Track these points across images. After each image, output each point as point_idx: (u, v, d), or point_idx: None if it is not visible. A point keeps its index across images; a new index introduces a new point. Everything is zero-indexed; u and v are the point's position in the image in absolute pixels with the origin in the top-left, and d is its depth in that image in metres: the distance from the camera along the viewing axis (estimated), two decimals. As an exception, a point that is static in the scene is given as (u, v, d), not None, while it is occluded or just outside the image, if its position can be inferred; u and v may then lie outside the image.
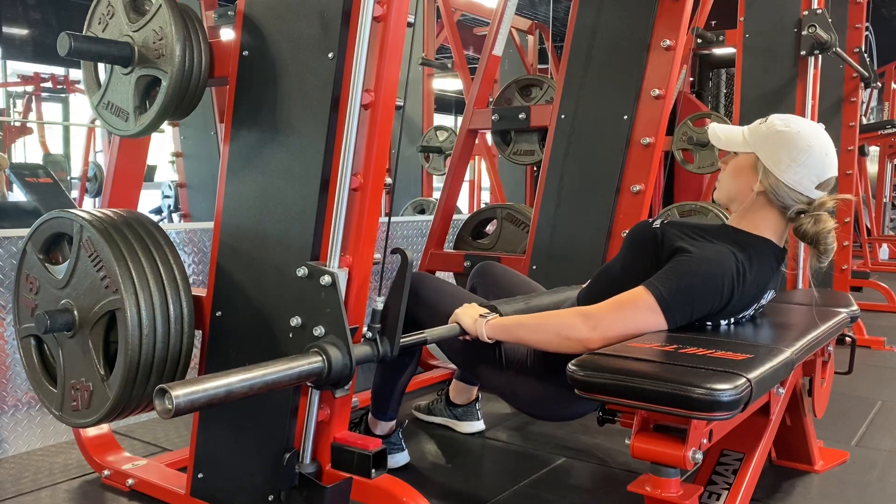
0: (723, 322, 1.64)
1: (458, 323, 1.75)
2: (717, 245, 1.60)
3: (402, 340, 1.54)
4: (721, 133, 1.72)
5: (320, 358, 1.41)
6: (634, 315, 1.53)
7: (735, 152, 1.69)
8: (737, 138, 1.69)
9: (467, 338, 1.75)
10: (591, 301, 1.65)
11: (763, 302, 1.72)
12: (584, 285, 1.91)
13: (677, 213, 3.40)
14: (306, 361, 1.39)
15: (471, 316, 1.74)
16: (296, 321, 1.53)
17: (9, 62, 9.52)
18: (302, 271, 1.53)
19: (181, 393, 1.16)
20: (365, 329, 1.52)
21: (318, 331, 1.49)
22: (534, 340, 1.65)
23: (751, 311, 1.69)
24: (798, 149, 1.59)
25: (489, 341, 1.71)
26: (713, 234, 1.64)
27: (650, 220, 1.76)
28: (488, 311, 1.76)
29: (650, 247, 1.65)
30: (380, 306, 1.50)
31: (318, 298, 1.50)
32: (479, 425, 2.42)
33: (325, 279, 1.49)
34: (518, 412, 2.61)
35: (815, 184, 1.60)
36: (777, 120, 1.65)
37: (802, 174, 1.59)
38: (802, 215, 1.61)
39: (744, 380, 1.24)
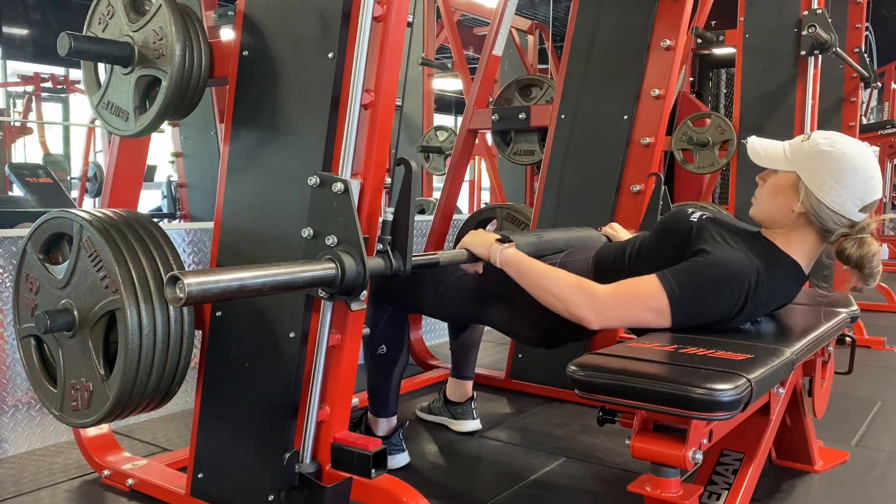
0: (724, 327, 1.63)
1: (466, 249, 1.74)
2: (745, 255, 1.55)
3: (414, 259, 1.52)
4: (761, 149, 1.65)
5: (334, 264, 1.37)
6: (641, 309, 1.53)
7: (775, 170, 1.64)
8: (778, 155, 1.62)
9: (472, 267, 1.73)
10: (606, 274, 1.65)
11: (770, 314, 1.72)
12: (598, 230, 1.91)
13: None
14: (320, 266, 1.35)
15: (483, 242, 1.72)
16: (307, 232, 1.48)
17: (9, 62, 9.52)
18: (314, 180, 1.48)
19: (194, 281, 1.12)
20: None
21: (331, 240, 1.44)
22: (538, 294, 1.65)
23: (748, 324, 1.68)
24: (843, 170, 1.53)
25: (499, 265, 1.70)
26: (746, 242, 1.60)
27: (689, 210, 1.72)
28: (503, 238, 1.74)
29: (680, 238, 1.63)
30: (389, 218, 1.47)
31: (331, 206, 1.45)
32: (474, 424, 2.41)
33: (338, 186, 1.44)
34: (518, 412, 2.62)
35: (858, 207, 1.54)
36: (821, 138, 1.58)
37: (846, 197, 1.53)
38: (844, 238, 1.56)
39: (744, 380, 1.23)
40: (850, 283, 1.59)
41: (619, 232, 2.18)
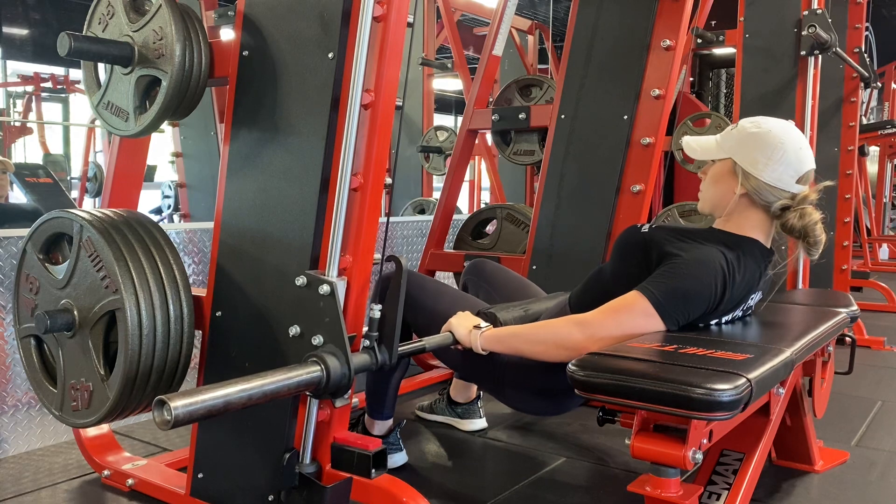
0: (712, 323, 1.64)
1: (451, 332, 1.75)
2: (706, 246, 1.60)
3: (399, 349, 1.53)
4: (695, 144, 1.75)
5: (319, 367, 1.40)
6: (630, 320, 1.54)
7: (712, 161, 1.71)
8: (710, 147, 1.71)
9: (460, 347, 1.74)
10: (583, 306, 1.65)
11: (751, 303, 1.73)
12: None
13: (677, 214, 3.40)
14: (305, 371, 1.38)
15: (465, 326, 1.73)
16: (294, 330, 1.53)
17: (9, 62, 9.52)
18: (301, 280, 1.52)
19: (180, 404, 1.16)
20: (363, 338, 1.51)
21: (317, 340, 1.48)
22: (529, 351, 1.64)
23: (738, 312, 1.69)
24: (772, 147, 1.61)
25: (483, 353, 1.70)
26: (701, 237, 1.65)
27: (639, 225, 1.77)
28: (483, 320, 1.75)
29: (639, 252, 1.66)
30: (377, 314, 1.49)
31: (317, 307, 1.49)
32: (481, 423, 2.42)
33: (324, 288, 1.48)
34: (518, 412, 2.62)
35: (794, 178, 1.62)
36: (747, 123, 1.68)
37: (781, 171, 1.61)
38: (787, 211, 1.63)
39: (744, 380, 1.24)
40: (796, 253, 1.66)
41: None
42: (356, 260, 1.54)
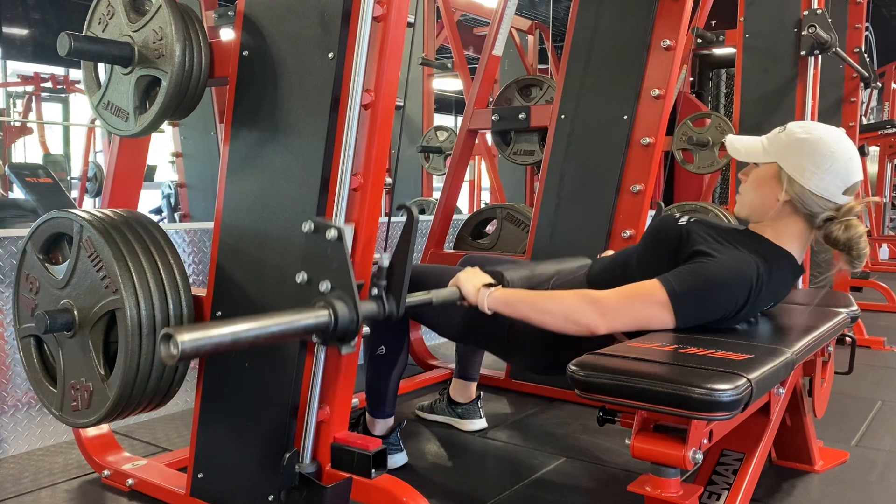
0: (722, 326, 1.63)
1: (458, 288, 1.72)
2: (742, 253, 1.57)
3: (407, 300, 1.51)
4: (739, 145, 1.69)
5: (327, 312, 1.38)
6: (644, 308, 1.52)
7: (756, 164, 1.67)
8: (756, 149, 1.66)
9: (465, 304, 1.71)
10: (600, 285, 1.63)
11: (765, 309, 1.72)
12: (597, 257, 1.90)
13: (677, 214, 3.40)
14: (312, 314, 1.36)
15: (473, 284, 1.70)
16: (301, 277, 1.49)
17: (9, 62, 9.51)
18: (308, 226, 1.48)
19: (187, 338, 1.13)
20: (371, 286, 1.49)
21: (324, 286, 1.45)
22: (538, 319, 1.61)
23: (751, 320, 1.68)
24: (822, 155, 1.56)
25: (488, 312, 1.67)
26: (738, 240, 1.61)
27: (676, 215, 1.73)
28: (492, 280, 1.73)
29: (673, 242, 1.63)
30: (385, 263, 1.47)
31: (325, 253, 1.46)
32: (481, 423, 2.43)
33: (332, 233, 1.45)
34: (519, 412, 2.62)
35: (841, 189, 1.57)
36: (796, 127, 1.62)
37: (829, 180, 1.56)
38: (831, 222, 1.58)
39: (744, 380, 1.23)
40: (838, 265, 1.62)
41: None
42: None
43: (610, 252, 2.17)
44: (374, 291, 1.47)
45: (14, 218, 4.70)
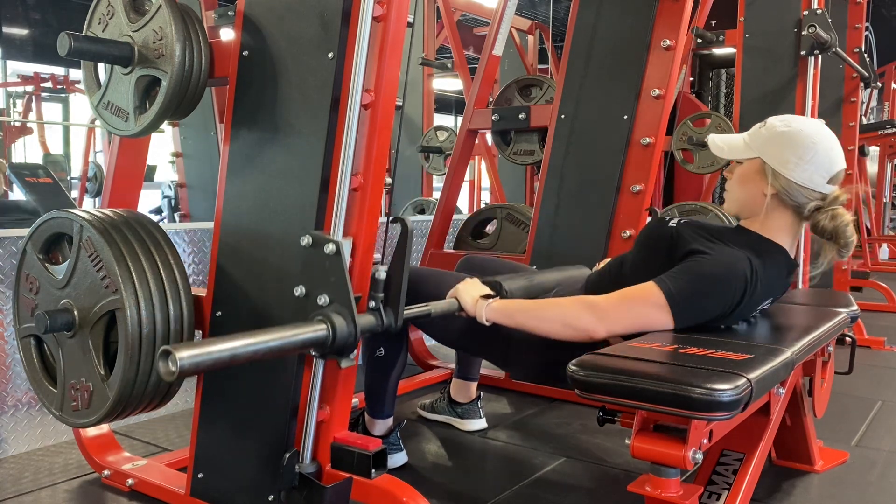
0: (721, 325, 1.63)
1: (456, 299, 1.72)
2: (733, 249, 1.58)
3: (405, 312, 1.52)
4: (722, 143, 1.71)
5: (325, 326, 1.39)
6: (642, 310, 1.52)
7: (739, 160, 1.68)
8: (738, 145, 1.68)
9: (464, 314, 1.72)
10: (598, 291, 1.64)
11: (763, 307, 1.72)
12: (594, 267, 1.90)
13: (677, 213, 3.40)
14: (311, 329, 1.37)
15: (471, 295, 1.70)
16: (300, 290, 1.50)
17: (9, 62, 9.51)
18: (306, 240, 1.50)
19: (186, 355, 1.13)
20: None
21: (322, 300, 1.46)
22: (536, 327, 1.62)
23: (750, 319, 1.68)
24: (803, 146, 1.58)
25: (487, 324, 1.67)
26: (729, 238, 1.62)
27: (666, 217, 1.74)
28: (490, 291, 1.73)
29: (664, 245, 1.63)
30: (382, 276, 1.48)
31: (323, 267, 1.47)
32: (481, 423, 2.43)
33: (330, 247, 1.46)
34: (519, 412, 2.62)
35: (825, 179, 1.60)
36: (776, 121, 1.64)
37: (812, 170, 1.58)
38: (818, 212, 1.60)
39: (744, 380, 1.23)
40: (826, 255, 1.63)
41: None
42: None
43: (608, 260, 2.18)
44: (372, 304, 1.48)
45: (16, 221, 4.70)
